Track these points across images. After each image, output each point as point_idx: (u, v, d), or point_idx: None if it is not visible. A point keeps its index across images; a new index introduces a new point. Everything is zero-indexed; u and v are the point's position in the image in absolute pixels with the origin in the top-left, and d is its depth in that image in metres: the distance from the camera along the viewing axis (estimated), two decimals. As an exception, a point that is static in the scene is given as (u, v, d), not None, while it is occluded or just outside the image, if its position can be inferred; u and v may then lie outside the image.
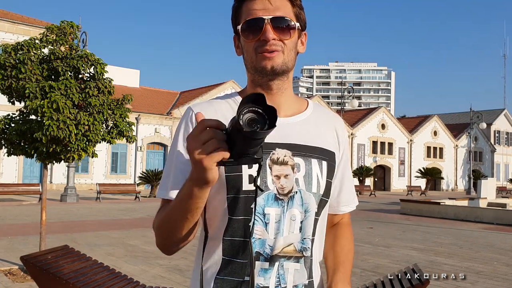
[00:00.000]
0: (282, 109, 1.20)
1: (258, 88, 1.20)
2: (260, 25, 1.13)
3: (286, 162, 1.14)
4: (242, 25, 1.16)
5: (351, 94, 33.01)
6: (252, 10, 1.14)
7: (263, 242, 1.12)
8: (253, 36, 1.14)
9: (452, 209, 16.58)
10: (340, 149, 1.28)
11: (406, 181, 42.58)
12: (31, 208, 15.74)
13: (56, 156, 6.28)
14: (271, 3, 1.14)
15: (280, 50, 1.14)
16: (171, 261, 7.20)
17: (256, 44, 1.14)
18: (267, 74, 1.16)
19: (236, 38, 1.23)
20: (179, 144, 1.17)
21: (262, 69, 1.15)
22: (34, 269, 3.86)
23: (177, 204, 1.04)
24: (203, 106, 1.22)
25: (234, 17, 1.20)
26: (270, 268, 1.12)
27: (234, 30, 1.22)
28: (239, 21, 1.18)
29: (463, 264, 7.69)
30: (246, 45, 1.17)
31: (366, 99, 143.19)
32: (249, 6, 1.15)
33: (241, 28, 1.16)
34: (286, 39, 1.15)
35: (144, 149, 30.16)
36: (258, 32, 1.13)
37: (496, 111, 54.40)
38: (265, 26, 1.12)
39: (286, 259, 1.13)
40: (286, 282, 1.13)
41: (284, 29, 1.14)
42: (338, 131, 1.29)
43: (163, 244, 1.16)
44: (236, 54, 1.24)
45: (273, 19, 1.13)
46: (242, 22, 1.16)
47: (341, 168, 1.29)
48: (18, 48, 6.24)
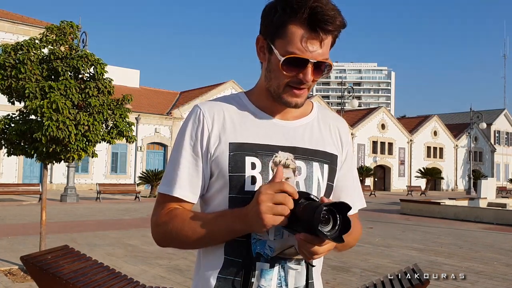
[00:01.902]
0: (289, 113, 1.22)
1: (272, 101, 1.20)
2: (303, 65, 1.10)
3: (287, 165, 1.15)
4: (286, 58, 1.10)
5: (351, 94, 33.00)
6: (301, 46, 1.09)
7: (263, 243, 1.12)
8: (291, 71, 1.11)
9: (452, 209, 16.58)
10: (343, 152, 1.28)
11: (406, 181, 42.58)
12: (31, 208, 15.74)
13: (56, 156, 6.27)
14: (322, 47, 1.10)
15: (308, 87, 1.15)
16: (171, 261, 7.20)
17: (290, 79, 1.12)
18: (288, 107, 1.18)
19: (262, 41, 1.18)
20: (185, 142, 1.17)
21: (286, 103, 1.16)
22: (34, 269, 3.85)
23: (210, 231, 1.10)
24: (210, 105, 1.21)
25: (273, 28, 1.12)
26: (271, 270, 1.12)
27: (265, 33, 1.16)
28: (278, 37, 1.12)
29: (463, 264, 7.69)
30: (280, 72, 1.12)
31: (366, 99, 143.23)
32: (301, 40, 1.09)
33: (284, 60, 1.10)
34: (318, 79, 1.15)
35: (144, 149, 30.16)
36: (299, 70, 1.11)
37: (496, 111, 54.40)
38: (308, 68, 1.10)
39: (288, 261, 1.14)
40: (288, 284, 1.14)
41: (320, 71, 1.14)
42: (341, 134, 1.30)
43: (167, 245, 1.20)
44: (258, 57, 1.20)
45: (316, 62, 1.10)
46: (285, 52, 1.10)
47: (345, 170, 1.29)
48: (18, 48, 6.24)
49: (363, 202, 1.35)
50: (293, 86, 1.13)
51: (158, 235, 1.18)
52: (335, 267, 7.03)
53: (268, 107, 1.21)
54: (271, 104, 1.21)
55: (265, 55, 1.17)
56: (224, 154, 1.13)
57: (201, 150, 1.16)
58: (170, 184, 1.17)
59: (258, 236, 1.12)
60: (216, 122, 1.17)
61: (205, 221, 1.11)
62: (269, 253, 1.12)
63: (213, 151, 1.15)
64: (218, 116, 1.18)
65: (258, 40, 1.19)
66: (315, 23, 1.07)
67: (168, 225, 1.15)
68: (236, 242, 1.12)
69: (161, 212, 1.18)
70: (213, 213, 1.14)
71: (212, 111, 1.18)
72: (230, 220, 1.07)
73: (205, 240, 1.12)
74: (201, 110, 1.19)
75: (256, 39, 1.20)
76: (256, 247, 1.12)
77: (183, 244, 1.15)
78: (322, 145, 1.22)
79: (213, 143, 1.15)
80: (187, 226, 1.12)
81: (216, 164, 1.14)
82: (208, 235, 1.10)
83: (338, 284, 6.09)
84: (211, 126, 1.16)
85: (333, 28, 1.09)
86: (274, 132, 1.19)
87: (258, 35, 1.19)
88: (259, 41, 1.19)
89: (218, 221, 1.09)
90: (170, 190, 1.16)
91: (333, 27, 1.09)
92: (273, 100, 1.19)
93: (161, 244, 1.20)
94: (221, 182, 1.13)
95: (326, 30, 1.08)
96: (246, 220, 1.03)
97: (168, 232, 1.15)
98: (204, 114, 1.17)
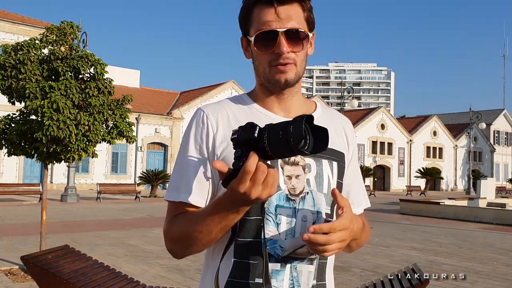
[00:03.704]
0: (292, 111, 1.21)
1: (271, 96, 1.20)
2: (273, 38, 1.11)
3: (297, 162, 1.14)
4: (255, 37, 1.13)
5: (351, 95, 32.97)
6: (264, 20, 1.12)
7: (274, 243, 1.10)
8: (266, 48, 1.12)
9: (452, 209, 16.59)
10: (349, 150, 1.28)
11: (406, 181, 42.57)
12: (31, 208, 15.74)
13: (57, 156, 6.28)
14: (283, 12, 1.11)
15: (293, 62, 1.14)
16: (171, 261, 7.21)
17: (269, 57, 1.13)
18: (280, 87, 1.16)
19: (244, 40, 1.21)
20: (190, 146, 1.15)
21: (276, 82, 1.15)
22: (34, 269, 3.87)
23: (215, 218, 1.02)
24: (213, 106, 1.21)
25: (243, 21, 1.18)
26: (282, 270, 1.10)
27: (242, 32, 1.20)
28: (249, 27, 1.17)
29: (463, 264, 7.70)
30: (258, 55, 1.15)
31: (366, 99, 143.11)
32: (261, 15, 1.12)
33: (254, 39, 1.13)
34: (299, 50, 1.14)
35: (144, 149, 30.16)
36: (271, 44, 1.11)
37: (495, 111, 54.38)
38: (279, 39, 1.11)
39: (299, 261, 1.12)
40: (300, 284, 1.12)
41: (297, 41, 1.13)
42: (347, 132, 1.30)
43: (182, 252, 1.13)
44: (245, 56, 1.23)
45: (287, 31, 1.11)
46: (254, 33, 1.14)
47: (350, 169, 1.28)
48: (18, 49, 6.25)
49: (368, 202, 1.34)
50: (276, 64, 1.13)
51: (168, 243, 1.14)
52: (335, 267, 6.97)
53: (271, 105, 1.21)
54: (274, 101, 1.21)
55: (249, 52, 1.20)
56: (231, 154, 1.08)
57: (207, 152, 1.14)
58: (176, 190, 1.14)
59: (269, 236, 1.10)
60: (221, 123, 1.16)
61: (208, 215, 1.05)
62: (280, 253, 1.10)
63: (220, 152, 1.13)
64: (222, 116, 1.17)
65: (241, 42, 1.23)
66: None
67: (173, 229, 1.12)
68: (246, 243, 1.09)
69: (168, 220, 1.15)
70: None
71: (216, 112, 1.18)
72: (230, 205, 0.99)
73: (212, 228, 1.04)
74: (204, 112, 1.18)
75: (240, 42, 1.23)
76: (267, 248, 1.08)
77: (191, 240, 1.08)
78: (329, 143, 1.22)
79: (219, 144, 1.14)
80: (189, 222, 1.08)
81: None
82: (212, 222, 1.03)
83: (338, 284, 6.10)
84: (216, 127, 1.15)
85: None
86: None
87: (240, 37, 1.23)
88: (242, 42, 1.22)
89: (218, 210, 1.02)
90: (176, 196, 1.13)
91: None
92: (271, 94, 1.20)
93: (175, 251, 1.15)
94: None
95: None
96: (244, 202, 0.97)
97: (174, 234, 1.11)
98: (208, 116, 1.17)
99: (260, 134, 0.91)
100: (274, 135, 0.89)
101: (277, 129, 0.89)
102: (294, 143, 0.87)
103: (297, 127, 0.88)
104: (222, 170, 0.94)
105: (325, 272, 1.18)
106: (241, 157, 0.93)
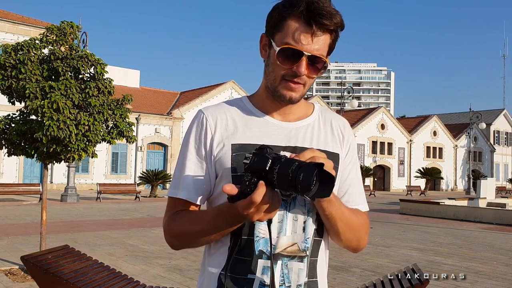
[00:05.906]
0: (291, 116, 1.26)
1: (273, 100, 1.24)
2: (297, 56, 1.13)
3: None
4: (281, 49, 1.15)
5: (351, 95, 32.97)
6: (297, 38, 1.13)
7: (266, 241, 1.15)
8: (287, 63, 1.15)
9: (452, 209, 16.59)
10: (344, 151, 1.29)
11: (406, 181, 42.57)
12: (31, 208, 15.75)
13: (57, 156, 6.28)
14: (316, 37, 1.13)
15: (303, 83, 1.18)
16: (171, 261, 7.21)
17: (285, 71, 1.16)
18: (283, 101, 1.21)
19: (265, 38, 1.23)
20: (190, 146, 1.23)
21: (281, 96, 1.19)
22: (34, 269, 3.87)
23: (215, 224, 1.14)
24: (213, 109, 1.26)
25: (273, 23, 1.18)
26: (273, 267, 1.14)
27: (267, 31, 1.21)
28: (276, 31, 1.17)
29: (463, 264, 7.71)
30: (275, 65, 1.17)
31: (366, 99, 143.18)
32: (296, 30, 1.14)
33: (279, 51, 1.15)
34: (314, 76, 1.18)
35: (144, 149, 30.15)
36: (293, 61, 1.14)
37: (495, 111, 54.38)
38: (301, 60, 1.14)
39: (290, 259, 1.16)
40: (291, 281, 1.16)
41: (316, 68, 1.17)
42: (344, 133, 1.31)
43: (180, 246, 1.24)
44: (260, 54, 1.25)
45: (311, 57, 1.14)
46: (281, 42, 1.15)
47: (347, 170, 1.29)
48: (18, 49, 6.25)
49: (366, 206, 1.33)
50: (288, 80, 1.16)
51: (168, 236, 1.24)
52: (334, 267, 7.03)
53: (269, 109, 1.25)
54: (273, 105, 1.24)
55: (266, 52, 1.22)
56: (227, 155, 1.18)
57: (205, 152, 1.21)
58: (176, 187, 1.23)
59: (261, 235, 1.15)
60: (219, 125, 1.22)
61: (206, 214, 1.17)
62: (272, 251, 1.14)
63: (216, 153, 1.20)
64: (221, 119, 1.23)
65: (261, 38, 1.24)
66: (310, 16, 1.12)
67: (174, 226, 1.21)
68: (240, 240, 1.16)
69: (168, 215, 1.24)
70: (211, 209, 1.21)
71: (215, 115, 1.24)
72: (233, 214, 1.09)
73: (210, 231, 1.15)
74: (204, 114, 1.24)
75: (260, 37, 1.24)
76: (259, 245, 1.15)
77: (190, 238, 1.20)
78: (323, 145, 1.24)
79: (216, 145, 1.20)
80: (190, 224, 1.18)
81: (219, 165, 1.19)
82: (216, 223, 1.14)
83: (338, 284, 6.10)
84: (214, 129, 1.22)
85: (328, 23, 1.12)
86: (276, 133, 1.22)
87: (262, 33, 1.23)
88: (262, 39, 1.24)
89: (222, 214, 1.13)
90: (176, 192, 1.22)
91: (328, 22, 1.12)
92: (273, 99, 1.23)
93: (173, 244, 1.25)
94: (225, 183, 1.14)
95: (320, 23, 1.12)
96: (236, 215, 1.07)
97: (175, 231, 1.21)
98: (207, 118, 1.23)
99: (272, 167, 0.98)
100: (284, 174, 0.95)
101: (288, 170, 0.95)
102: (300, 190, 0.94)
103: (306, 177, 0.93)
104: (231, 193, 1.01)
105: (316, 269, 1.21)
106: (250, 184, 1.00)
